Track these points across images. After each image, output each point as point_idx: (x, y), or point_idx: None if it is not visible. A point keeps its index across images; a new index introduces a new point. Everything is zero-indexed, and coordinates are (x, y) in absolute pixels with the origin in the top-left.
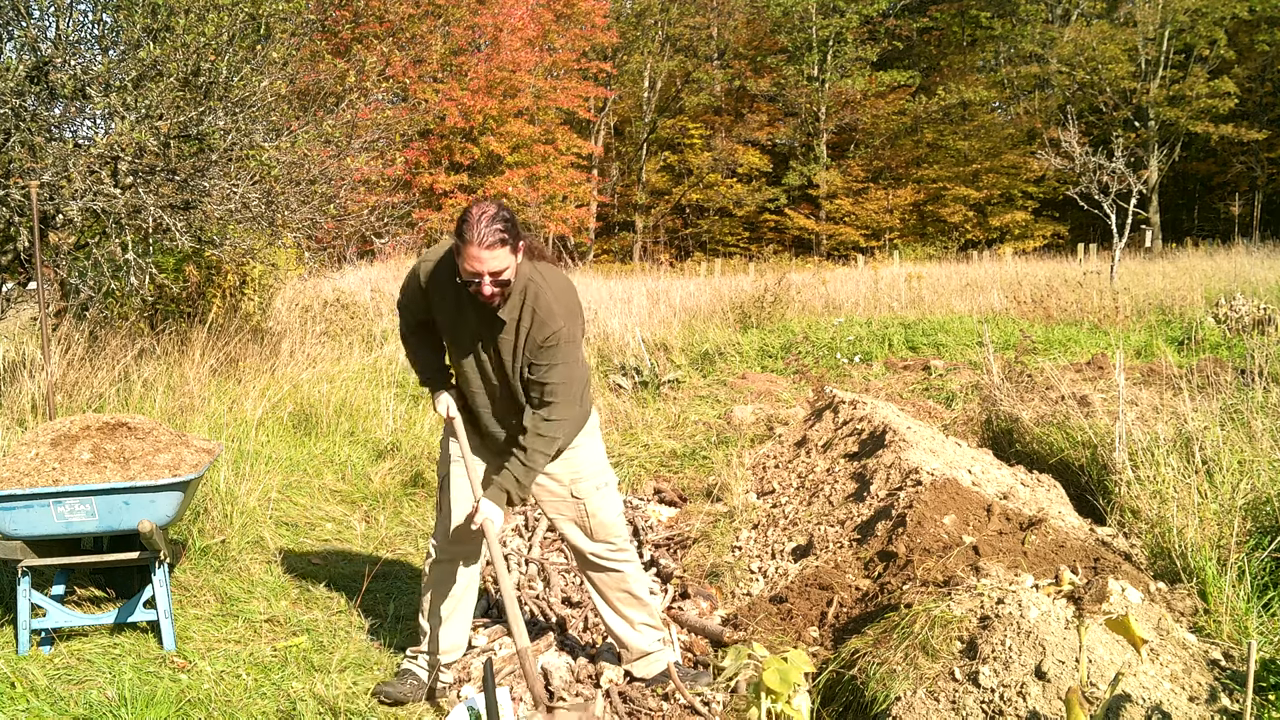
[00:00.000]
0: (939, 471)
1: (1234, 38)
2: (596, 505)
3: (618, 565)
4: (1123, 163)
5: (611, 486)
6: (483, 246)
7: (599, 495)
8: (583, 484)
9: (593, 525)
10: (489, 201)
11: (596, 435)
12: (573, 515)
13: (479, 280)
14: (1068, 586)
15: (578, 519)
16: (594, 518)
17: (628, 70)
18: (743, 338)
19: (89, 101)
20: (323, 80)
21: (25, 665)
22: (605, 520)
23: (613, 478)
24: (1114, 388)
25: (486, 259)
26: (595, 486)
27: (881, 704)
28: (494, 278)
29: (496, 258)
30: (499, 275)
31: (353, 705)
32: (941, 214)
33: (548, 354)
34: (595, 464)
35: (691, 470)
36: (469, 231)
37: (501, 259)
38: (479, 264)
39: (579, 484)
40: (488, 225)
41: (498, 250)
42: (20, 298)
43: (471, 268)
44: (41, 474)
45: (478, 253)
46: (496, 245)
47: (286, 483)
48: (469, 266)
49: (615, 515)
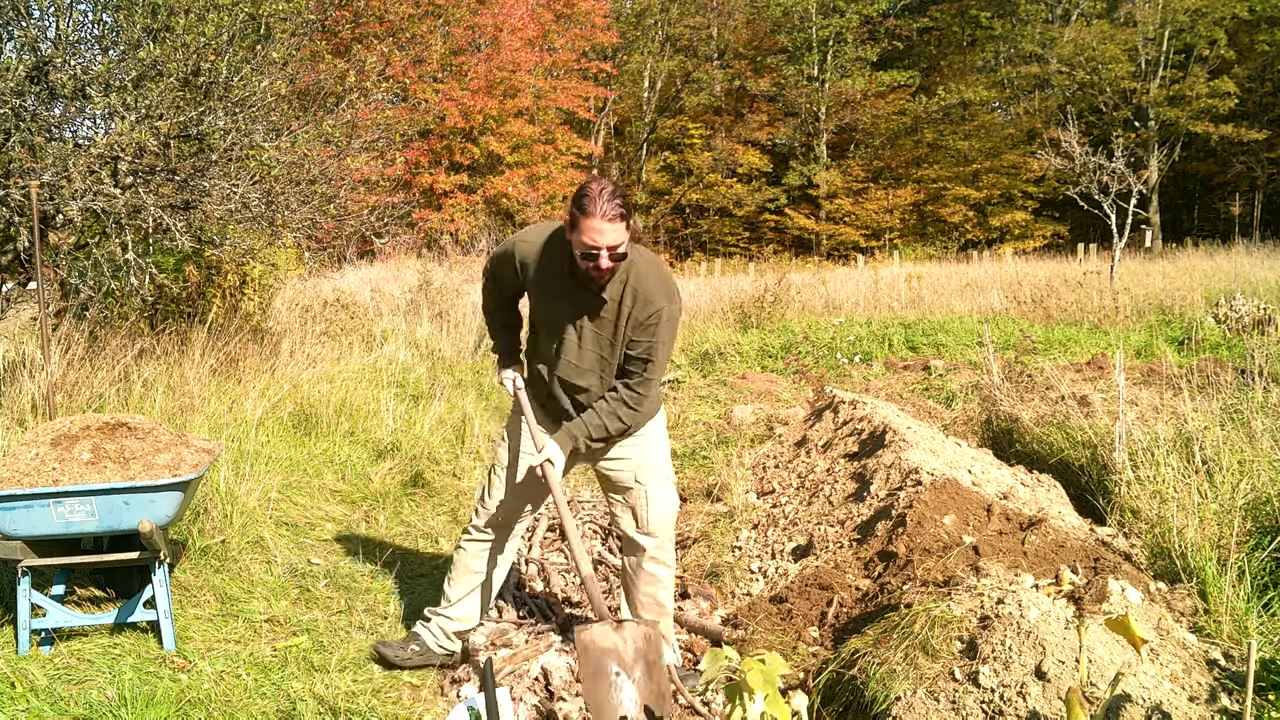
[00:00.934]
0: (939, 471)
1: (1234, 38)
2: (656, 496)
3: (657, 568)
4: (1123, 163)
5: (673, 484)
6: (605, 219)
7: (660, 486)
8: (648, 472)
9: (649, 515)
10: (605, 178)
11: (664, 431)
12: (632, 501)
13: (597, 253)
14: (1068, 586)
15: (635, 505)
16: (652, 508)
17: (628, 70)
18: (743, 338)
19: (89, 101)
20: (323, 80)
21: (25, 665)
22: (660, 513)
23: (674, 476)
24: (1114, 388)
25: (608, 231)
26: (659, 477)
27: (881, 704)
28: (611, 251)
29: (616, 231)
30: (616, 249)
31: (353, 705)
32: (941, 214)
33: (649, 331)
34: (662, 456)
35: (691, 470)
36: (590, 205)
37: (620, 233)
38: (600, 236)
39: (644, 471)
40: (609, 200)
41: (618, 224)
42: (20, 298)
43: (592, 240)
44: (41, 474)
45: (600, 224)
46: (617, 219)
47: (286, 483)
48: (589, 239)
49: (671, 512)
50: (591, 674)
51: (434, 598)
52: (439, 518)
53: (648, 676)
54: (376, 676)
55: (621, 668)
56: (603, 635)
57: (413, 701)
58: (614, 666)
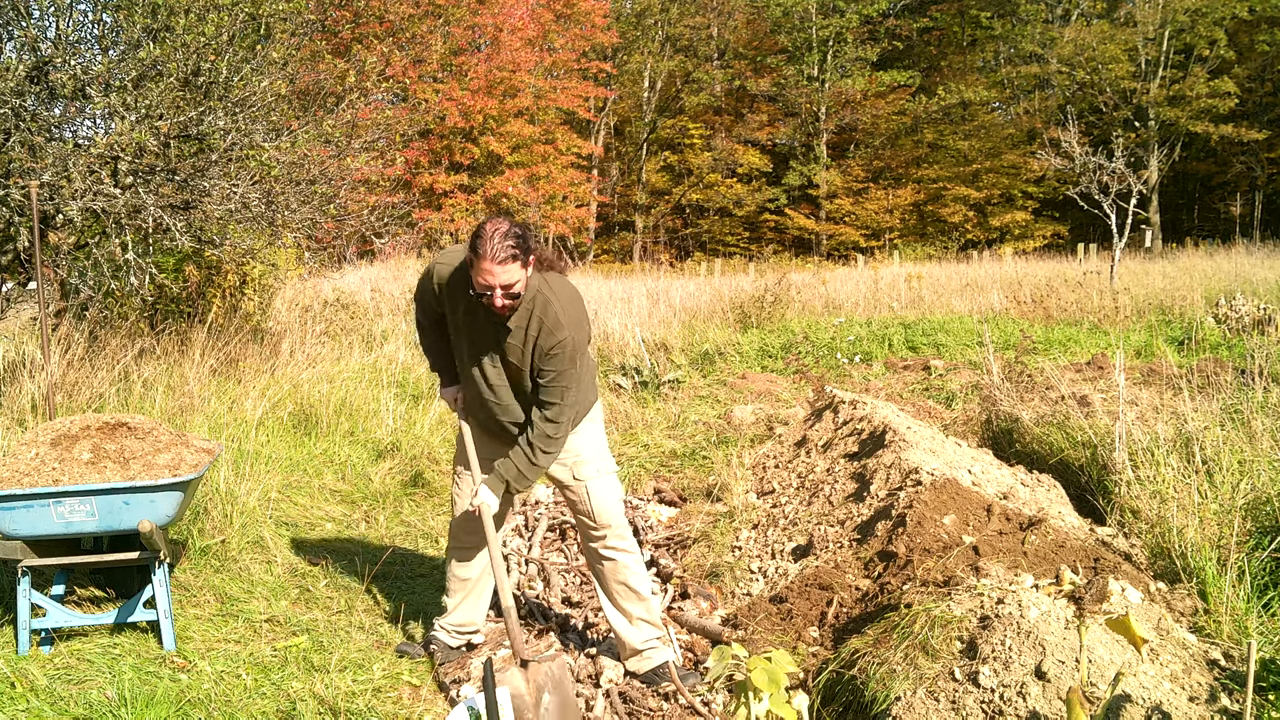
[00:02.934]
0: (939, 471)
1: (1234, 38)
2: (597, 489)
3: (616, 554)
4: (1123, 163)
5: (613, 474)
6: (495, 261)
7: (599, 480)
8: (584, 467)
9: (593, 509)
10: (502, 217)
11: (599, 423)
12: (575, 497)
13: (491, 293)
14: (1068, 586)
15: (579, 501)
16: (595, 500)
17: (628, 70)
18: (743, 338)
19: (89, 101)
20: (323, 80)
21: (25, 665)
22: (604, 506)
23: (614, 466)
24: (1114, 388)
25: (499, 273)
26: (596, 470)
27: (881, 704)
28: (505, 290)
29: (508, 272)
30: (510, 288)
31: (353, 705)
32: (941, 214)
33: (553, 361)
34: (596, 449)
35: (691, 470)
36: (482, 246)
37: (512, 273)
38: (491, 278)
39: (580, 466)
40: (500, 241)
41: (509, 265)
42: (20, 298)
43: (484, 281)
44: (41, 474)
45: (490, 267)
46: (508, 261)
47: (286, 483)
48: (481, 280)
49: (614, 502)
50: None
51: (434, 598)
52: (439, 518)
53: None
54: (376, 676)
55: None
56: (512, 678)
57: (413, 701)
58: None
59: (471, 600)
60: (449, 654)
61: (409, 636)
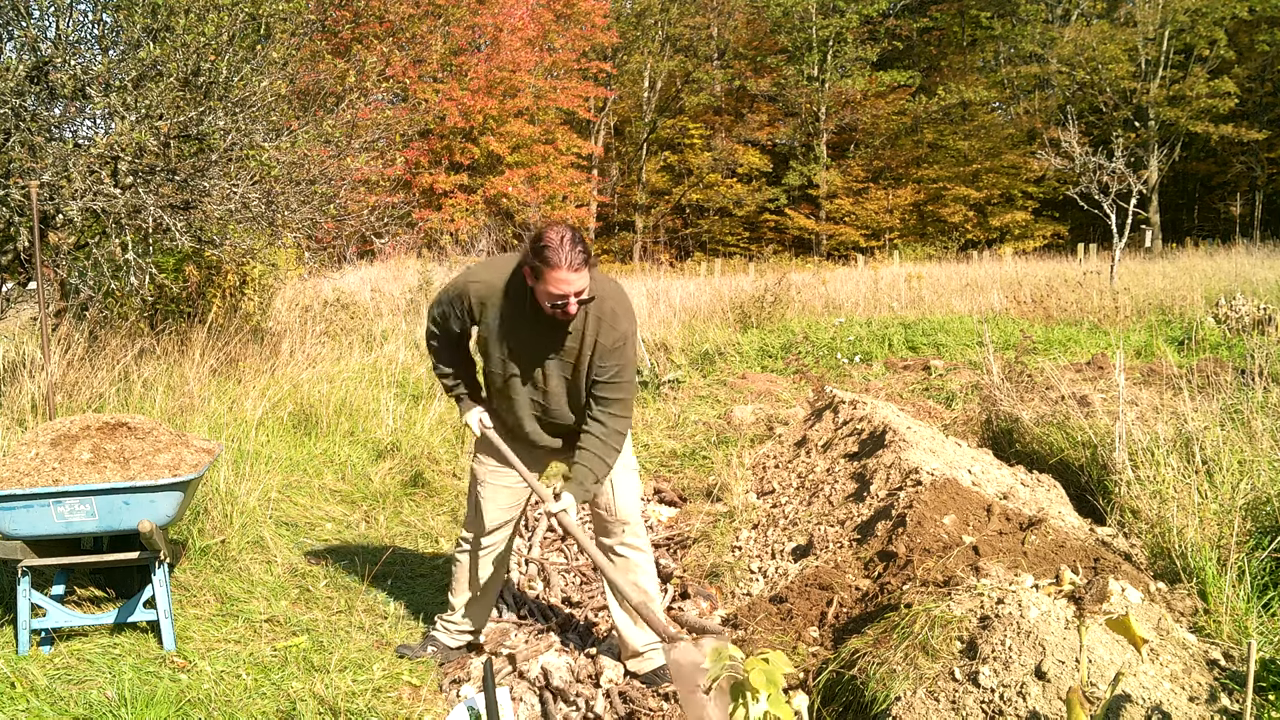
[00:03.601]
0: (939, 471)
1: (1234, 38)
2: (620, 483)
3: (631, 552)
4: (1123, 163)
5: (635, 471)
6: (571, 269)
7: (623, 475)
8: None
9: (616, 503)
10: (561, 225)
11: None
12: (600, 492)
13: (565, 301)
14: (1068, 586)
15: (600, 495)
16: (619, 496)
17: (628, 70)
18: (743, 338)
19: (89, 101)
20: (323, 80)
21: (25, 665)
22: (626, 501)
23: (636, 463)
24: (1114, 388)
25: (575, 281)
26: (622, 465)
27: (881, 704)
28: (578, 296)
29: (582, 278)
30: (583, 294)
31: (353, 705)
32: (941, 214)
33: (617, 355)
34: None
35: (691, 470)
36: (554, 256)
37: (585, 279)
38: (568, 286)
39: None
40: (571, 249)
41: (583, 271)
42: (20, 298)
43: (559, 290)
44: (41, 474)
45: (567, 275)
46: (582, 267)
47: (286, 483)
48: (557, 290)
49: (636, 498)
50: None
51: (434, 598)
52: (439, 518)
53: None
54: (376, 676)
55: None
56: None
57: (413, 701)
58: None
59: (477, 602)
60: (449, 654)
61: (409, 636)
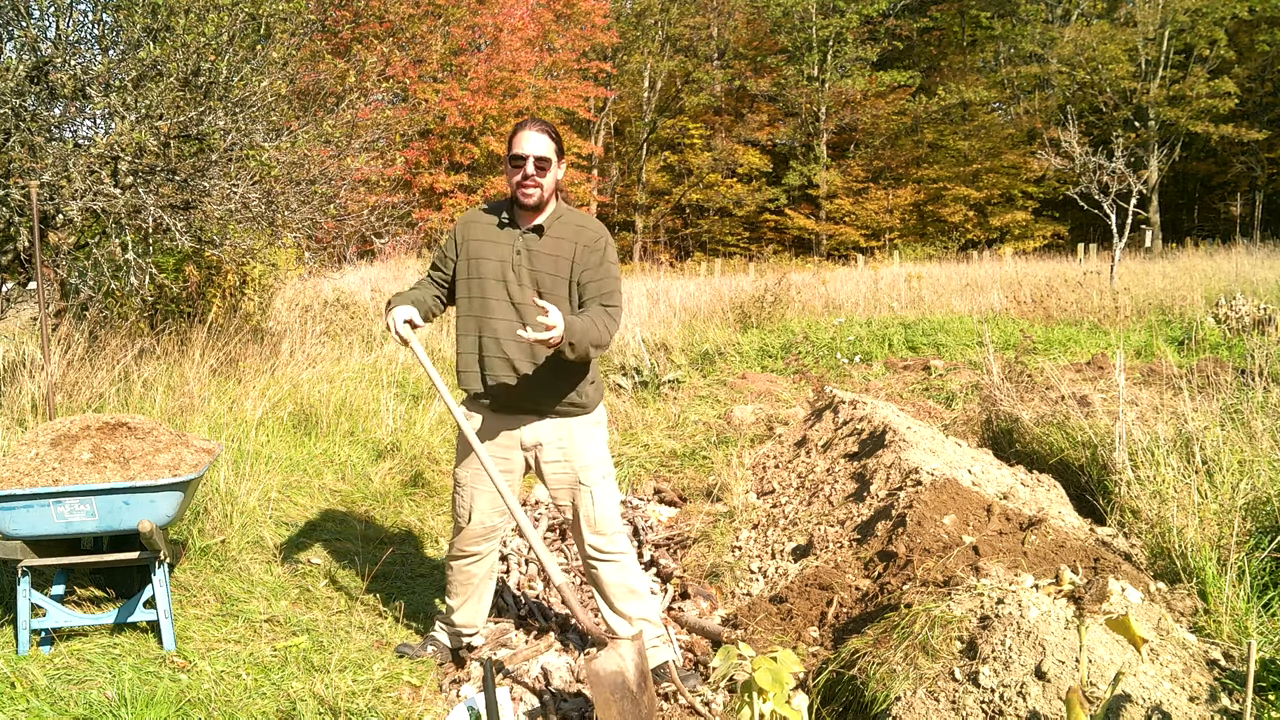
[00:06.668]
0: (939, 471)
1: (1234, 38)
2: (601, 494)
3: (618, 556)
4: (1123, 163)
5: (613, 478)
6: (530, 129)
7: (603, 484)
8: (589, 472)
9: (596, 513)
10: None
11: (604, 426)
12: (578, 502)
13: (524, 160)
14: (1068, 586)
15: (581, 506)
16: (598, 506)
17: (628, 70)
18: (743, 338)
19: (89, 101)
20: (323, 80)
21: (25, 665)
22: (607, 510)
23: (613, 470)
24: (1114, 388)
25: (532, 139)
26: (601, 475)
27: (881, 704)
28: (537, 162)
29: (541, 143)
30: (541, 160)
31: (353, 705)
32: (941, 214)
33: (598, 255)
34: (601, 454)
35: (691, 470)
36: (520, 125)
37: (544, 145)
38: (527, 144)
39: (586, 472)
40: (534, 121)
41: (542, 137)
42: (20, 298)
43: (519, 150)
44: (41, 474)
45: (526, 133)
46: (542, 132)
47: (286, 483)
48: (516, 149)
49: (616, 506)
50: (603, 703)
51: (434, 598)
52: (439, 518)
53: (643, 691)
54: (376, 676)
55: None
56: (609, 660)
57: (413, 701)
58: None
59: (473, 603)
60: (448, 655)
61: (409, 636)
